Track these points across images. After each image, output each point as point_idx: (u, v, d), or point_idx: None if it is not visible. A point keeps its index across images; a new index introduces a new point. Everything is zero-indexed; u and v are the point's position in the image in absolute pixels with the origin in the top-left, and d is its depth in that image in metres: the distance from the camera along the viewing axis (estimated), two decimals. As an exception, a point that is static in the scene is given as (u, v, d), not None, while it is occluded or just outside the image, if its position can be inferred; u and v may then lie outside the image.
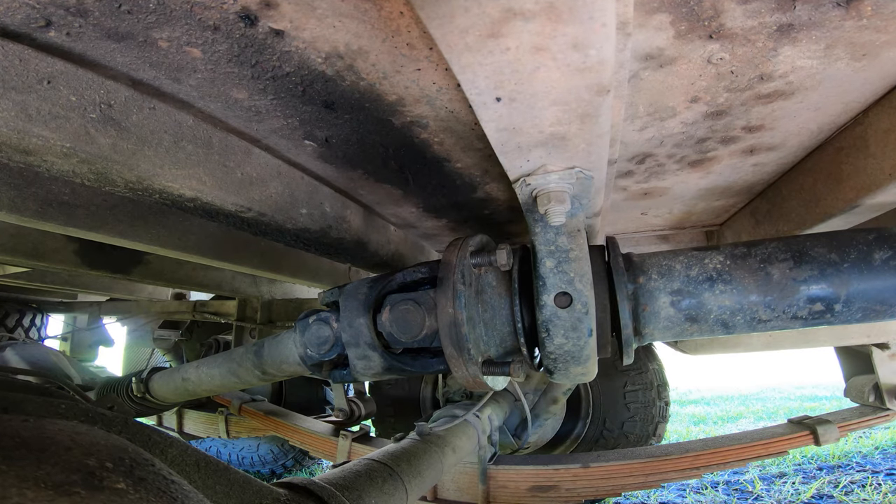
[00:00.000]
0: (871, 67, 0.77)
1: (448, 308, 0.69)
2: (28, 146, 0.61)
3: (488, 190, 1.27)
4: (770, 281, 0.67)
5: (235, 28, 0.63)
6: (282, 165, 1.01)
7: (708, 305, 0.64)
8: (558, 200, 0.62)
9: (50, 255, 1.60)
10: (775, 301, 0.68)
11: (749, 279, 0.64)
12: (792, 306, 0.67)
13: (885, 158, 0.87)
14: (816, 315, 0.61)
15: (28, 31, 0.60)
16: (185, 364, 1.38)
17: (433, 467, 1.27)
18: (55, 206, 1.02)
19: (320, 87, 0.77)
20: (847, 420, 1.83)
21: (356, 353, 0.81)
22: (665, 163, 1.14)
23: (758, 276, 0.66)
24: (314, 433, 2.24)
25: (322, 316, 0.88)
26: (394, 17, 0.60)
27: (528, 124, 0.53)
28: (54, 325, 3.88)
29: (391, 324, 0.77)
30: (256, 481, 0.70)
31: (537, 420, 2.37)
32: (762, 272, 0.66)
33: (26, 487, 0.32)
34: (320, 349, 0.88)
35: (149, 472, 0.40)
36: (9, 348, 1.87)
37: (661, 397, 2.67)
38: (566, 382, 0.76)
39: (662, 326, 0.66)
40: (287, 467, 3.53)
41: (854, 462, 3.54)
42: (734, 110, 0.89)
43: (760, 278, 0.67)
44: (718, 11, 0.63)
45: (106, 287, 2.70)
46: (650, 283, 0.66)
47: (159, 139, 0.74)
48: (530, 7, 0.36)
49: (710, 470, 1.81)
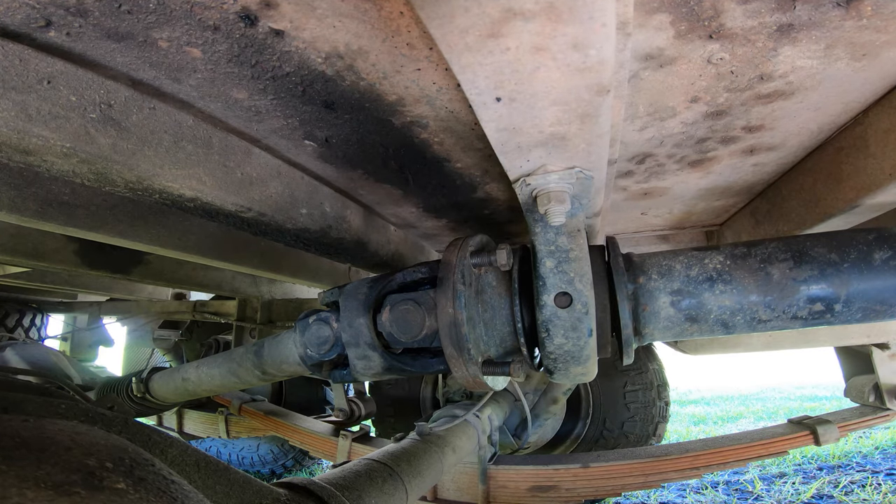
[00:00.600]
0: (871, 67, 0.77)
1: (448, 308, 0.69)
2: (28, 146, 0.61)
3: (488, 190, 1.27)
4: (770, 281, 0.67)
5: (235, 28, 0.63)
6: (282, 165, 1.01)
7: (708, 305, 0.64)
8: (558, 200, 0.62)
9: (50, 255, 1.60)
10: (775, 301, 0.68)
11: (749, 279, 0.64)
12: (792, 306, 0.67)
13: (885, 158, 0.87)
14: (816, 315, 0.61)
15: (28, 31, 0.60)
16: (185, 364, 1.38)
17: (433, 467, 1.27)
18: (55, 206, 1.02)
19: (320, 87, 0.77)
20: (847, 420, 1.83)
21: (356, 353, 0.81)
22: (665, 163, 1.14)
23: (758, 276, 0.66)
24: (314, 433, 2.24)
25: (322, 316, 0.88)
26: (394, 17, 0.60)
27: (528, 124, 0.53)
28: (54, 325, 3.88)
29: (391, 324, 0.77)
30: (256, 481, 0.70)
31: (537, 420, 2.37)
32: (762, 272, 0.66)
33: (26, 487, 0.32)
34: (320, 349, 0.88)
35: (149, 472, 0.40)
36: (9, 348, 1.87)
37: (661, 397, 2.67)
38: (566, 382, 0.76)
39: (662, 326, 0.66)
40: (287, 467, 3.53)
41: (854, 462, 3.54)
42: (734, 110, 0.89)
43: (760, 278, 0.67)
44: (718, 11, 0.63)
45: (106, 287, 2.69)
46: (650, 283, 0.66)
47: (159, 139, 0.74)
48: (530, 7, 0.35)
49: (710, 470, 1.81)
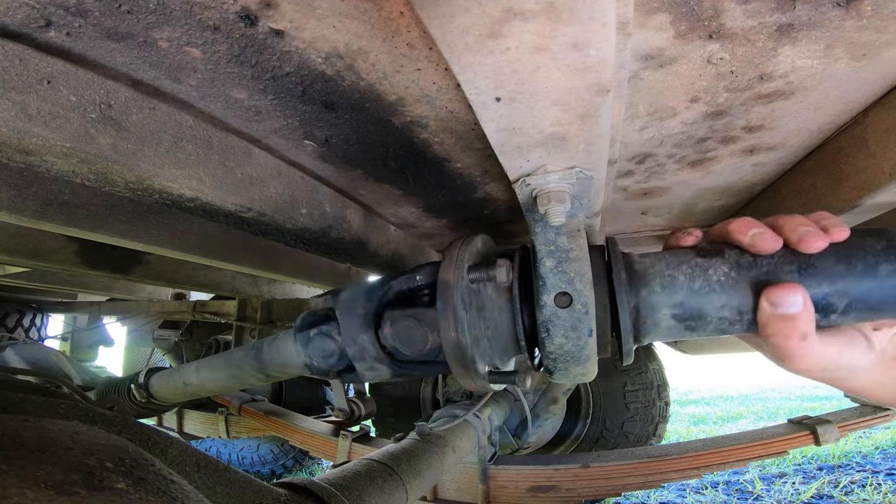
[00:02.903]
0: (871, 67, 0.77)
1: (451, 333, 0.69)
2: (28, 146, 0.61)
3: (488, 190, 1.27)
4: None
5: (235, 28, 0.63)
6: (282, 165, 1.01)
7: (709, 316, 0.64)
8: (558, 200, 0.62)
9: (50, 255, 1.60)
10: None
11: (753, 290, 0.63)
12: None
13: (885, 158, 0.87)
14: (816, 320, 0.61)
15: (28, 31, 0.60)
16: (184, 364, 1.38)
17: (433, 467, 1.27)
18: (55, 206, 1.02)
19: (320, 87, 0.77)
20: (847, 420, 1.83)
21: (364, 366, 0.82)
22: (665, 163, 1.14)
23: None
24: (314, 433, 2.24)
25: (323, 330, 0.87)
26: (394, 17, 0.60)
27: (528, 124, 0.53)
28: (54, 325, 3.88)
29: (394, 339, 0.78)
30: (256, 481, 0.70)
31: (537, 420, 2.37)
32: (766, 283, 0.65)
33: (26, 487, 0.32)
34: (327, 361, 0.88)
35: (149, 472, 0.40)
36: (9, 348, 1.86)
37: (662, 397, 2.68)
38: (566, 382, 0.76)
39: (662, 335, 0.67)
40: (287, 467, 3.53)
41: (854, 462, 3.55)
42: (734, 110, 0.89)
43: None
44: (718, 11, 0.63)
45: (106, 287, 2.69)
46: (652, 296, 0.66)
47: (159, 139, 0.74)
48: (530, 7, 0.35)
49: (710, 470, 1.81)
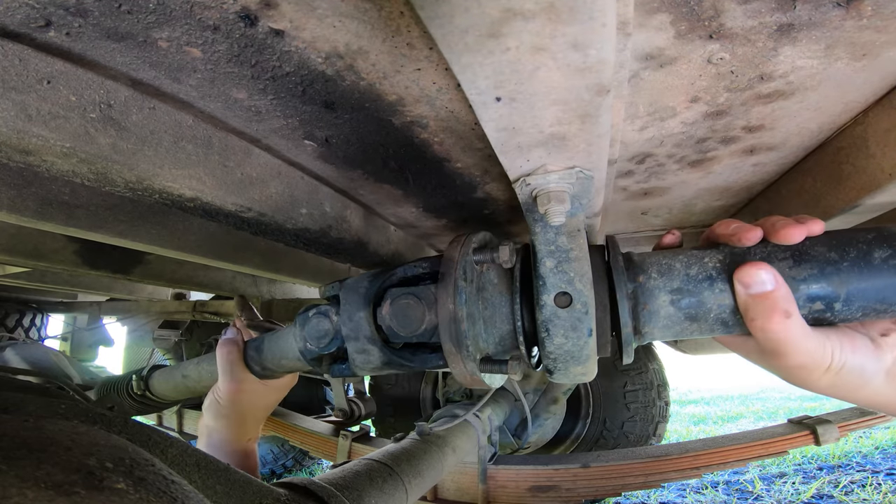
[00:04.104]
0: (871, 67, 0.77)
1: (448, 304, 0.68)
2: (28, 146, 0.61)
3: (488, 190, 1.27)
4: None
5: (235, 28, 0.63)
6: (282, 165, 1.01)
7: (708, 304, 0.64)
8: (558, 200, 0.62)
9: (50, 255, 1.60)
10: None
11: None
12: None
13: (885, 158, 0.87)
14: (816, 313, 0.60)
15: (28, 31, 0.60)
16: (185, 361, 1.38)
17: (433, 467, 1.27)
18: (55, 206, 1.02)
19: (320, 86, 0.77)
20: (847, 420, 1.83)
21: (355, 347, 0.81)
22: (665, 163, 1.14)
23: None
24: (314, 433, 2.24)
25: (322, 309, 0.88)
26: (394, 17, 0.60)
27: (528, 124, 0.53)
28: (54, 325, 3.87)
29: (391, 317, 0.77)
30: (256, 481, 0.70)
31: (537, 420, 2.37)
32: None
33: (26, 487, 0.32)
34: (320, 342, 0.88)
35: (149, 472, 0.40)
36: (9, 348, 1.86)
37: (662, 397, 2.68)
38: (566, 382, 0.76)
39: (662, 325, 0.66)
40: (287, 467, 3.53)
41: (854, 462, 3.55)
42: (734, 110, 0.89)
43: None
44: (718, 11, 0.63)
45: (106, 287, 2.70)
46: (650, 281, 0.66)
47: (159, 139, 0.74)
48: (530, 7, 0.35)
49: (710, 470, 1.81)
